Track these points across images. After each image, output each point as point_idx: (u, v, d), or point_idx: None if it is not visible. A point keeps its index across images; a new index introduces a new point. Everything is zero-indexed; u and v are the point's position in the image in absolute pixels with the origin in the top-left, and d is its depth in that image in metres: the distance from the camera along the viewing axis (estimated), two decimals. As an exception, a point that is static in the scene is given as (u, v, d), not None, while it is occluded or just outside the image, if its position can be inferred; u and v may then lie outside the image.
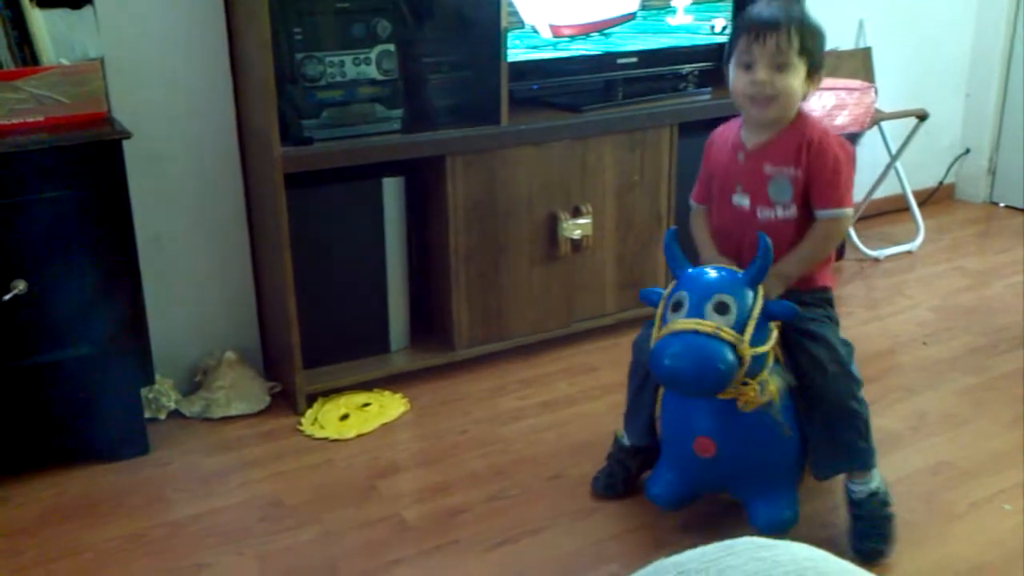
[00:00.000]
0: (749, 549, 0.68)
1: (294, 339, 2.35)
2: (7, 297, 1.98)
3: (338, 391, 2.48)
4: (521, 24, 2.55)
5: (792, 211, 1.84)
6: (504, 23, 2.43)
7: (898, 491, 2.03)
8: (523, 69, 2.60)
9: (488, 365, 2.64)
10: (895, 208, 3.79)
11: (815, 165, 1.81)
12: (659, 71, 2.86)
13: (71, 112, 2.08)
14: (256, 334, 2.62)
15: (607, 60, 2.75)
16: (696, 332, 1.63)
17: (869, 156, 3.53)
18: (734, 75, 1.84)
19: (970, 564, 1.82)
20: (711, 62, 2.91)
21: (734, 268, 1.79)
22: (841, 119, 3.10)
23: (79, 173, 2.01)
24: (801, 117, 1.87)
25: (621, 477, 2.04)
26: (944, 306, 3.05)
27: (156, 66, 2.34)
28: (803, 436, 1.81)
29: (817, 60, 1.83)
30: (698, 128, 2.81)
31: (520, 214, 2.58)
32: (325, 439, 2.30)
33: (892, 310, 3.04)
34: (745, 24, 1.83)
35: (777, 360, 1.78)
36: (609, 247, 2.74)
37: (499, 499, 2.06)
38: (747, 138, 1.89)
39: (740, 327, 1.66)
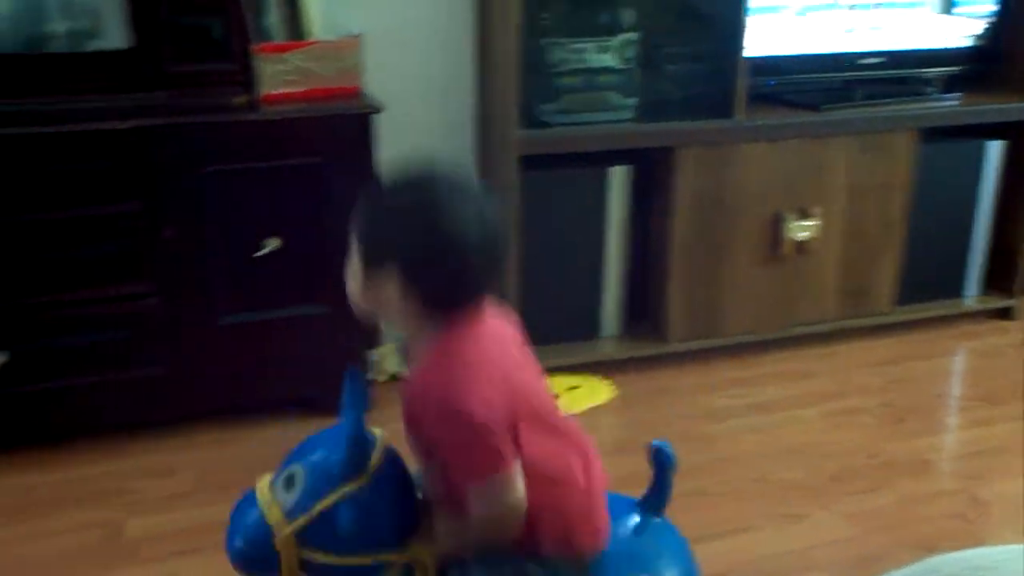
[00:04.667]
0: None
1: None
2: (262, 252, 2.15)
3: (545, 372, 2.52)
4: (763, 18, 2.51)
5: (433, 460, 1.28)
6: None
7: None
8: (761, 64, 2.55)
9: (699, 361, 2.62)
10: None
11: (436, 433, 1.23)
12: (903, 73, 2.74)
13: (329, 84, 2.21)
14: (474, 308, 2.70)
15: (848, 59, 2.66)
16: (254, 504, 1.27)
17: None
18: None
19: None
20: (961, 66, 2.77)
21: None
22: None
23: (332, 142, 2.15)
24: (437, 352, 1.22)
25: None
26: None
27: (407, 44, 2.46)
28: None
29: (406, 262, 1.18)
30: (943, 135, 2.69)
31: (746, 211, 2.54)
32: (534, 415, 2.35)
33: None
34: None
35: None
36: (834, 251, 2.65)
37: (698, 495, 2.04)
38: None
39: (299, 512, 1.23)
